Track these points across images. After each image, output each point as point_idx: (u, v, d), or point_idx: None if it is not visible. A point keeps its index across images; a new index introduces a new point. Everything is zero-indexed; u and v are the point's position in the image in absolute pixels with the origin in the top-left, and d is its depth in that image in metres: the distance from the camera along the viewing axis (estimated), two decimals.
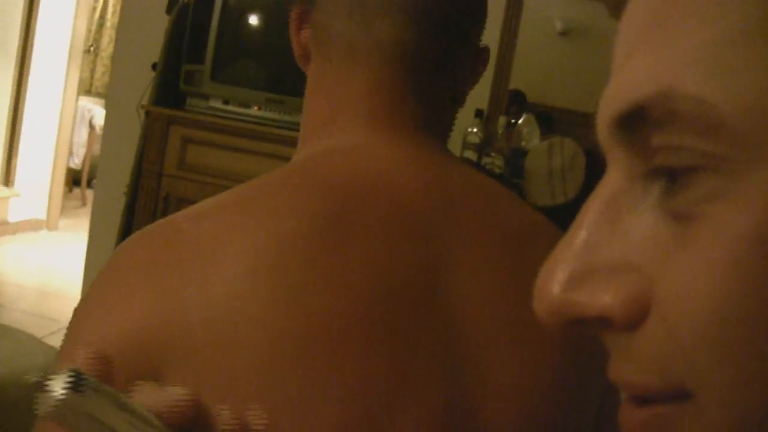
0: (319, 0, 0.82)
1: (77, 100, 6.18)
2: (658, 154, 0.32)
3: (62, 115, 5.83)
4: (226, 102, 2.84)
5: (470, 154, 2.61)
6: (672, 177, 0.32)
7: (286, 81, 2.79)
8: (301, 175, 0.76)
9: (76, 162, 6.67)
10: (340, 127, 0.79)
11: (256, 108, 2.83)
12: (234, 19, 2.89)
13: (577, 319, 0.34)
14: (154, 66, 2.98)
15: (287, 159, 0.82)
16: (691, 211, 0.31)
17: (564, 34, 2.93)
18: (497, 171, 2.55)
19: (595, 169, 2.34)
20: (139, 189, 2.81)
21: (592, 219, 0.35)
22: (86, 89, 7.17)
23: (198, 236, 0.68)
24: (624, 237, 0.34)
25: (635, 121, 0.33)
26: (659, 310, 0.32)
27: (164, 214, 2.68)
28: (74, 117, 6.17)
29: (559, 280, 0.34)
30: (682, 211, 0.32)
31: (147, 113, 2.85)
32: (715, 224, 0.31)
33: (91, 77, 7.44)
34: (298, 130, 0.85)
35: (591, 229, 0.34)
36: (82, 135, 6.66)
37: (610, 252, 0.34)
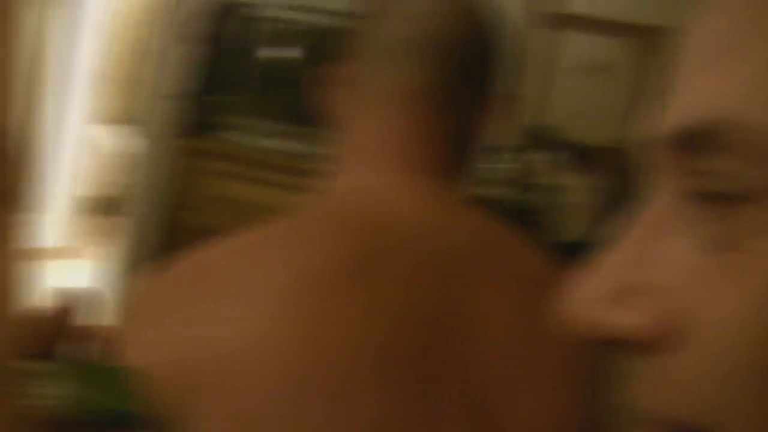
0: (349, 52, 0.85)
1: (99, 126, 6.24)
2: (710, 178, 0.32)
3: (84, 141, 5.88)
4: (253, 134, 2.86)
5: (500, 189, 2.61)
6: (721, 205, 0.31)
7: (314, 114, 2.80)
8: (326, 215, 0.78)
9: (101, 190, 6.73)
10: (365, 168, 0.81)
11: (284, 140, 2.84)
12: (263, 51, 2.92)
13: (602, 338, 0.33)
14: (180, 96, 3.00)
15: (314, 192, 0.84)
16: (736, 242, 0.31)
17: (597, 69, 2.93)
18: (526, 206, 2.54)
19: (623, 204, 2.33)
20: (166, 220, 2.82)
21: (629, 239, 0.34)
22: (106, 116, 7.23)
23: (223, 273, 0.71)
24: (661, 260, 0.33)
25: (691, 143, 0.32)
26: (696, 338, 0.31)
27: (190, 245, 2.68)
28: (94, 144, 6.23)
29: (587, 298, 0.33)
30: (727, 241, 0.31)
31: (174, 143, 2.87)
32: (761, 258, 0.30)
33: (110, 105, 7.51)
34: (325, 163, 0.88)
35: (627, 249, 0.34)
36: (105, 162, 6.73)
37: (644, 274, 0.33)
